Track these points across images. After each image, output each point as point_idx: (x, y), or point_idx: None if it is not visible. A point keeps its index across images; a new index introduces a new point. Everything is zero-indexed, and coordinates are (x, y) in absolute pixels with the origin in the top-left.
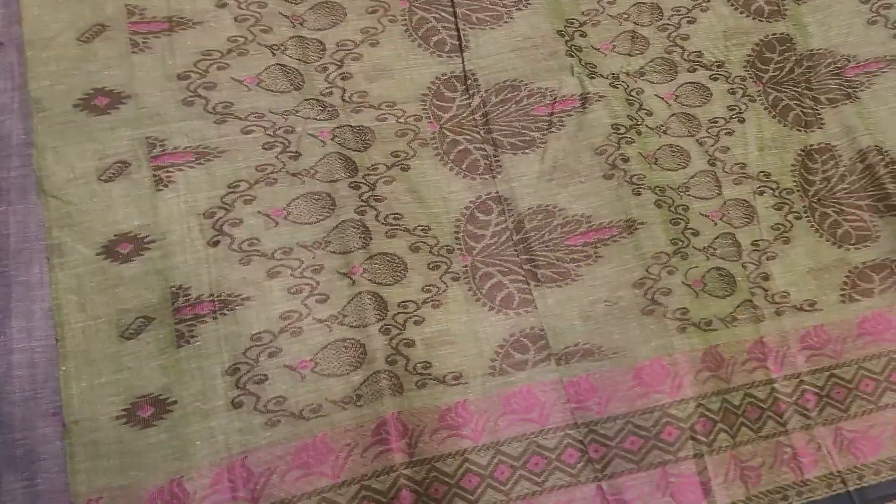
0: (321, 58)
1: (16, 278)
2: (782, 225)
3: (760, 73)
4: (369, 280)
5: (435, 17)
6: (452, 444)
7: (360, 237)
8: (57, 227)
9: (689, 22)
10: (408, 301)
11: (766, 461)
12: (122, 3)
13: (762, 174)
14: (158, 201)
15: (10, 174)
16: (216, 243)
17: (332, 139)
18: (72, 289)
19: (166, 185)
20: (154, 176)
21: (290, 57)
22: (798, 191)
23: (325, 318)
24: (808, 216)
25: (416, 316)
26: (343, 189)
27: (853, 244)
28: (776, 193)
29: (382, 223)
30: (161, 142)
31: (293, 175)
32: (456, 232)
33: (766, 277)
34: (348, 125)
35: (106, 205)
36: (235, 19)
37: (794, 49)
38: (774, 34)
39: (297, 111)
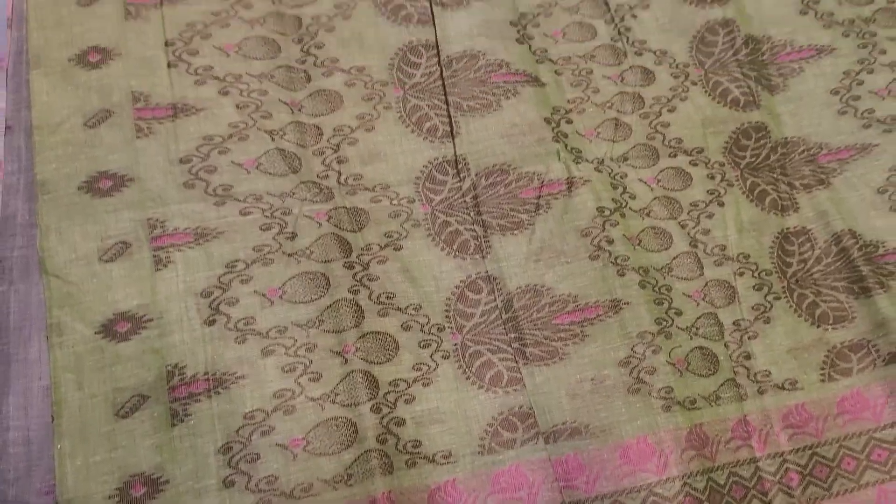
0: (318, 142)
1: (15, 356)
2: (762, 305)
3: (738, 160)
4: (361, 359)
5: (428, 105)
6: None
7: (353, 316)
8: (57, 306)
9: (669, 111)
10: (399, 379)
11: None
12: (128, 90)
13: (742, 256)
14: (157, 281)
15: (14, 253)
16: (212, 322)
17: (327, 220)
18: (70, 367)
19: (165, 266)
20: (154, 256)
21: (289, 141)
22: (776, 272)
23: (318, 396)
24: (786, 297)
25: (407, 394)
26: (337, 269)
27: (831, 324)
28: (756, 275)
29: (375, 302)
30: (162, 223)
31: (289, 255)
32: (447, 310)
33: (748, 356)
34: (343, 207)
35: (106, 284)
36: (237, 106)
37: (769, 137)
38: (750, 123)
39: (294, 193)
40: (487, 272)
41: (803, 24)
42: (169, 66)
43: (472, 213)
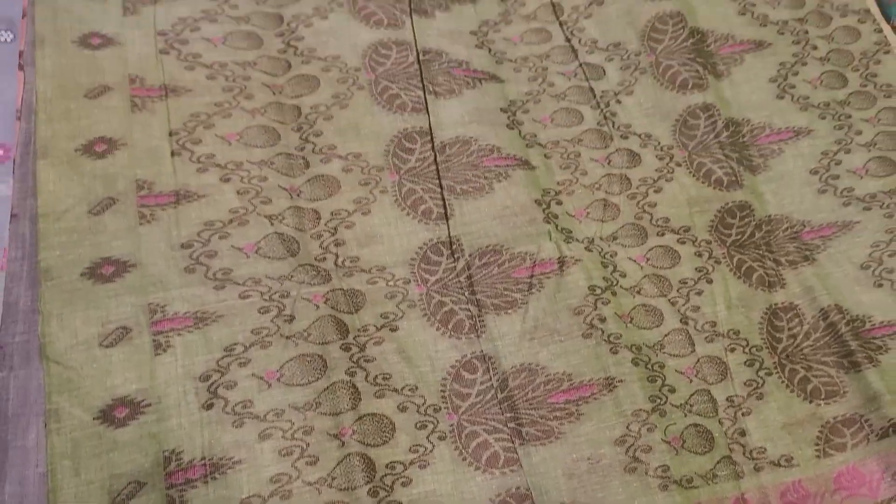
0: (316, 226)
1: (13, 443)
2: (755, 381)
3: (724, 237)
4: (358, 441)
5: (422, 189)
6: None
7: (349, 398)
8: (56, 391)
9: (655, 191)
10: (395, 462)
11: None
12: (132, 178)
13: (732, 332)
14: (157, 366)
15: (15, 339)
16: (210, 406)
17: (324, 302)
18: (67, 454)
19: (165, 350)
20: (154, 341)
21: (288, 226)
22: (767, 348)
23: (315, 480)
24: (778, 372)
25: (404, 477)
26: (335, 351)
27: (823, 399)
28: (746, 350)
29: (372, 384)
30: (162, 307)
31: (287, 338)
32: (442, 391)
33: (743, 433)
34: (340, 289)
35: (106, 369)
36: (238, 192)
37: (753, 215)
38: (734, 202)
39: (292, 276)
40: (482, 351)
41: (780, 107)
42: (172, 154)
43: (466, 293)
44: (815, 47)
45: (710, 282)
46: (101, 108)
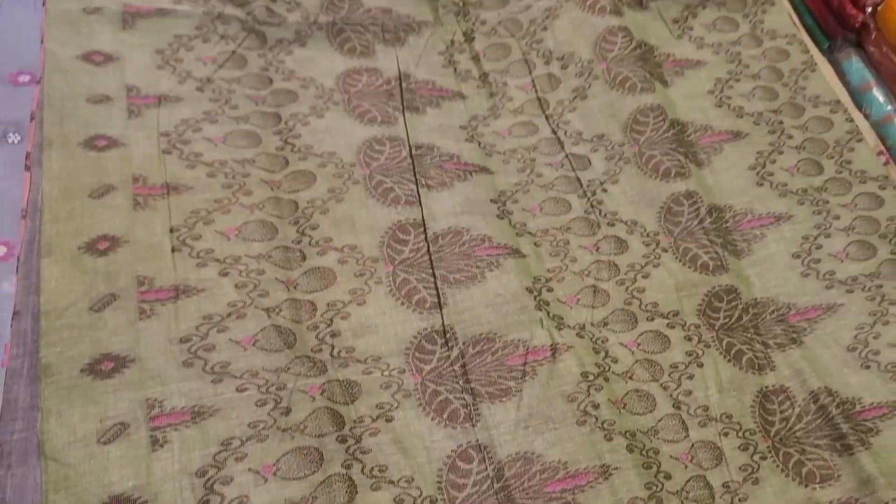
0: (312, 317)
1: None
2: (750, 466)
3: (712, 321)
4: None
5: (416, 279)
6: None
7: (346, 491)
8: (53, 489)
9: (643, 277)
10: None
11: None
12: (133, 274)
13: (724, 416)
14: (153, 461)
15: (14, 437)
16: (206, 502)
17: (320, 394)
18: None
19: (162, 446)
20: (151, 436)
21: (284, 318)
22: (760, 431)
23: None
24: (772, 456)
25: None
26: (331, 443)
27: (818, 483)
28: (740, 434)
29: (368, 476)
30: (160, 402)
31: (283, 431)
32: (438, 482)
33: None
34: (336, 380)
35: (103, 466)
36: (236, 286)
37: (740, 298)
38: (720, 286)
39: (288, 368)
40: (478, 441)
41: (760, 194)
42: (173, 250)
43: (461, 382)
44: (790, 136)
45: (700, 366)
46: (105, 207)
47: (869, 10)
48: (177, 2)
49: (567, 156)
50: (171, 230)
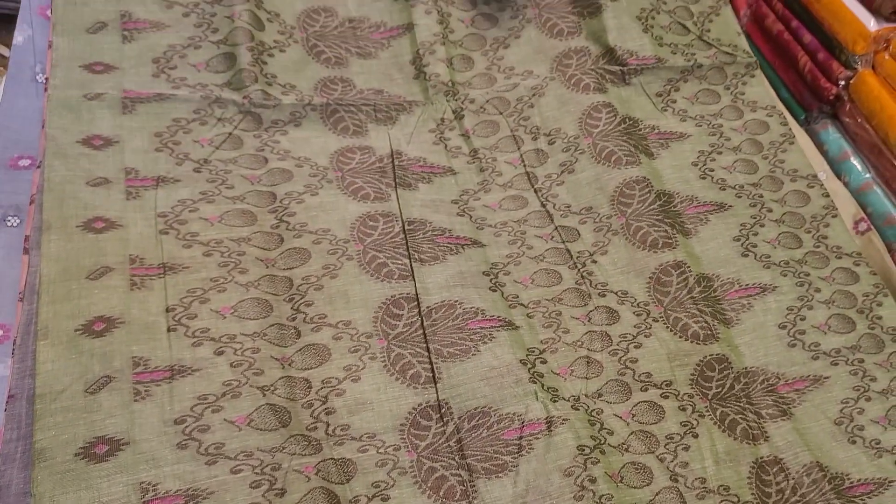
0: (307, 395)
1: None
2: None
3: (705, 390)
4: None
5: (410, 353)
6: None
7: None
8: None
9: (635, 347)
10: None
11: None
12: (129, 355)
13: (722, 488)
14: None
15: None
16: None
17: (315, 474)
18: None
19: None
20: None
21: (279, 396)
22: None
23: None
24: None
25: None
26: None
27: None
28: None
29: None
30: (154, 486)
31: None
32: None
33: None
34: (331, 458)
35: None
36: (231, 365)
37: (731, 367)
38: (711, 355)
39: (283, 448)
40: None
41: (745, 265)
42: (168, 330)
43: (456, 458)
44: (770, 210)
45: (695, 436)
46: (102, 288)
47: (842, 83)
48: (176, 87)
49: (556, 228)
50: (167, 310)
